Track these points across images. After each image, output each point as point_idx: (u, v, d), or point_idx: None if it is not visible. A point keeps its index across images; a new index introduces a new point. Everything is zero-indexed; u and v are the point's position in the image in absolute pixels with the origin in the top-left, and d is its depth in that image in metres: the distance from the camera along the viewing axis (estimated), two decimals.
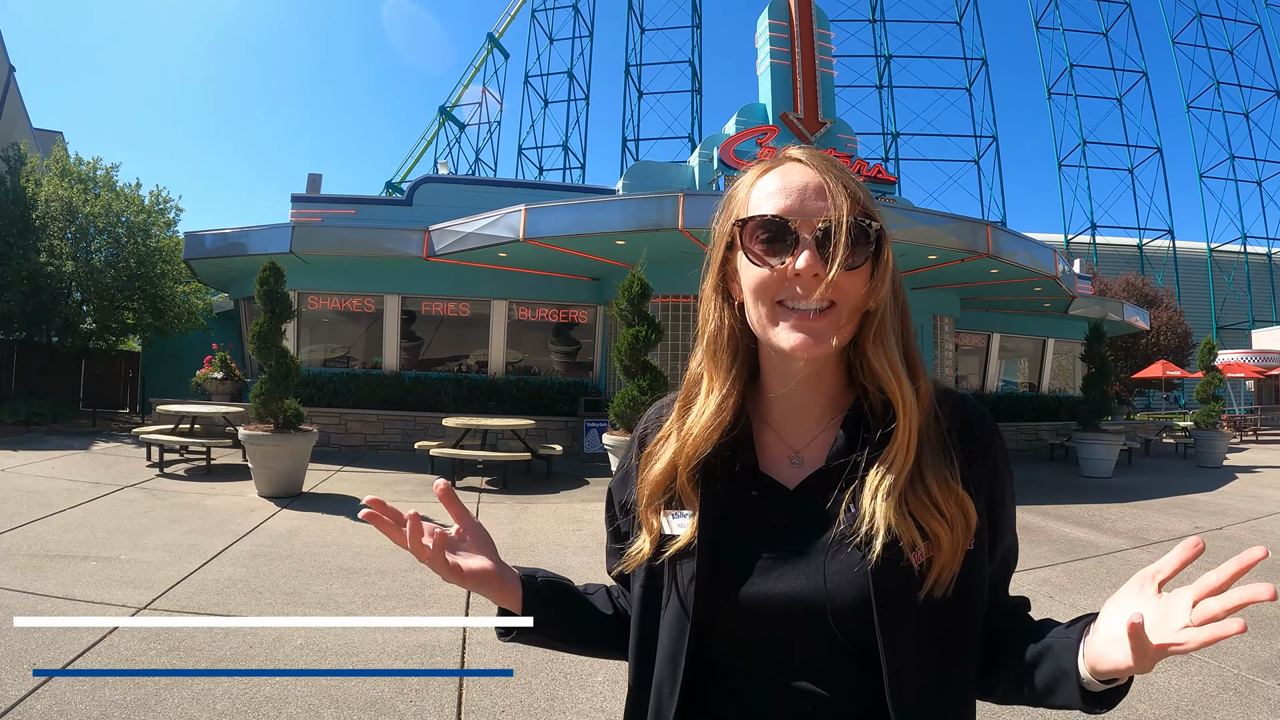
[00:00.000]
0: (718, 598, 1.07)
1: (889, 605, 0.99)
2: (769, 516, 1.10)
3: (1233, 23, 54.38)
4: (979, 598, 1.08)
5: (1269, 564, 7.90)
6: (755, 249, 1.05)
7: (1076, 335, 21.66)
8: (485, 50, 58.64)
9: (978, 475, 1.08)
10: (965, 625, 1.05)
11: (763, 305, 1.06)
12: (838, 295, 1.02)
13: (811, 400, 1.14)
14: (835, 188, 1.05)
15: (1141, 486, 14.08)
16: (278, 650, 4.70)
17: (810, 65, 22.64)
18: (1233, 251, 52.28)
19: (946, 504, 1.02)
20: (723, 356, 1.15)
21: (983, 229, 14.06)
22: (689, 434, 1.13)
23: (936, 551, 1.00)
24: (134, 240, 19.37)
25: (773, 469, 1.14)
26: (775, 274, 1.04)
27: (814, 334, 1.02)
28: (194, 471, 11.71)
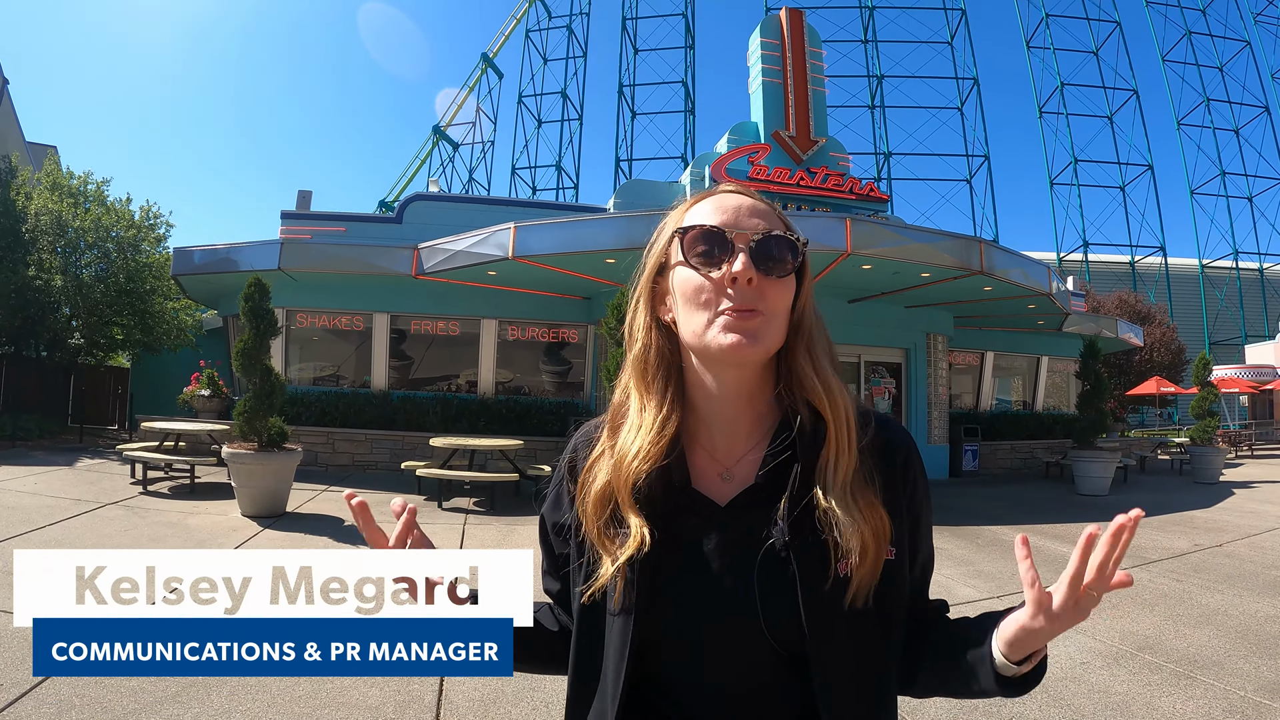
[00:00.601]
0: (657, 612, 1.11)
1: (817, 613, 1.06)
2: (703, 533, 1.14)
3: (1222, 40, 54.81)
4: (899, 604, 1.16)
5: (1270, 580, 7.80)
6: (694, 257, 1.12)
7: (1071, 353, 21.60)
8: (479, 70, 58.84)
9: (898, 490, 1.17)
10: (887, 629, 1.13)
11: (700, 311, 1.11)
12: (764, 305, 1.09)
13: (740, 418, 1.18)
14: (766, 209, 1.16)
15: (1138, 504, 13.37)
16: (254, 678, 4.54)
17: (802, 83, 22.64)
18: (1225, 267, 52.42)
19: (870, 514, 1.08)
20: (650, 375, 1.20)
21: (976, 246, 13.97)
22: (624, 455, 1.16)
23: (860, 559, 1.07)
24: (124, 256, 19.34)
25: (704, 486, 1.18)
26: (713, 281, 1.10)
27: (748, 333, 1.08)
28: (178, 490, 11.54)
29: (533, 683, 4.55)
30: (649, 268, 1.22)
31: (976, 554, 9.13)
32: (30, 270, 17.86)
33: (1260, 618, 6.60)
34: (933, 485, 10.69)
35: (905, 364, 18.81)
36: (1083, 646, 5.66)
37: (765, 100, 22.30)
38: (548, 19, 61.93)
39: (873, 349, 18.46)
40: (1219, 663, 5.40)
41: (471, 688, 4.54)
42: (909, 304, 17.72)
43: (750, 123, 22.62)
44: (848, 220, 12.78)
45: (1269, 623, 6.45)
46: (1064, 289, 18.66)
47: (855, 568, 1.07)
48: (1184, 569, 8.52)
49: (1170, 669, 5.25)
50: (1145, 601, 7.06)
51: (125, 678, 4.40)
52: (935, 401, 18.81)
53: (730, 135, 22.24)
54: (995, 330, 21.72)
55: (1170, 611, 6.74)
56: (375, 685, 4.58)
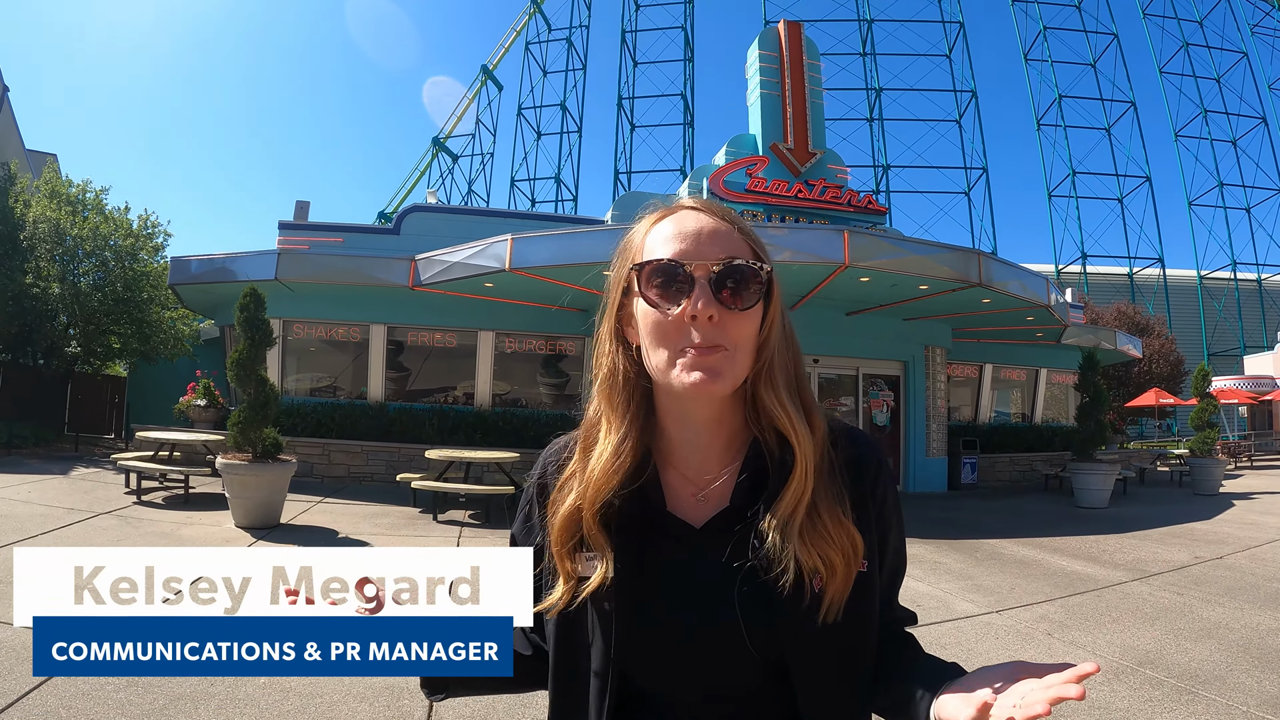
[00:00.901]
0: (637, 634, 1.12)
1: (795, 627, 1.08)
2: (678, 554, 1.15)
3: (1219, 51, 55.13)
4: (872, 615, 1.17)
5: (1272, 593, 7.74)
6: (651, 294, 1.09)
7: (1069, 365, 21.57)
8: (479, 82, 59.04)
9: (867, 506, 1.17)
10: (861, 640, 1.15)
11: (661, 349, 1.09)
12: (727, 340, 1.07)
13: (712, 441, 1.18)
14: (728, 232, 1.12)
15: (1138, 516, 13.91)
16: (239, 688, 4.52)
17: (800, 95, 22.66)
18: (1223, 278, 52.59)
19: (838, 535, 1.09)
20: (618, 399, 1.18)
21: (974, 258, 13.94)
22: (591, 476, 1.15)
23: (831, 577, 1.08)
24: (121, 264, 19.27)
25: (679, 508, 1.18)
26: (672, 318, 1.08)
27: (710, 370, 1.06)
28: (172, 500, 11.48)
29: (524, 700, 4.50)
30: (614, 289, 1.21)
31: (975, 568, 9.07)
32: (28, 278, 17.85)
33: (1262, 631, 6.54)
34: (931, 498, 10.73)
35: (904, 376, 18.77)
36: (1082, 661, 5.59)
37: (763, 112, 22.31)
38: (548, 31, 62.27)
39: (871, 361, 18.43)
40: (1221, 677, 5.33)
41: (461, 703, 4.48)
42: (907, 316, 17.68)
43: (748, 135, 22.64)
44: (845, 233, 12.77)
45: (1271, 636, 6.39)
46: (1062, 301, 18.64)
47: (827, 584, 1.08)
48: (1184, 582, 8.46)
49: (1172, 684, 5.18)
50: (1146, 615, 7.00)
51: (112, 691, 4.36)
52: (934, 414, 18.77)
53: (728, 147, 22.24)
54: (994, 343, 21.68)
55: (1171, 625, 6.67)
56: (365, 700, 4.53)
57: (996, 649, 5.92)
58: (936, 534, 11.40)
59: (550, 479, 1.25)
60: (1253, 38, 55.18)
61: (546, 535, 1.20)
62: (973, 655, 5.64)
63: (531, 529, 1.26)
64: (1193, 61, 54.64)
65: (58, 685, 4.31)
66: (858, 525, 1.12)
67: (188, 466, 12.12)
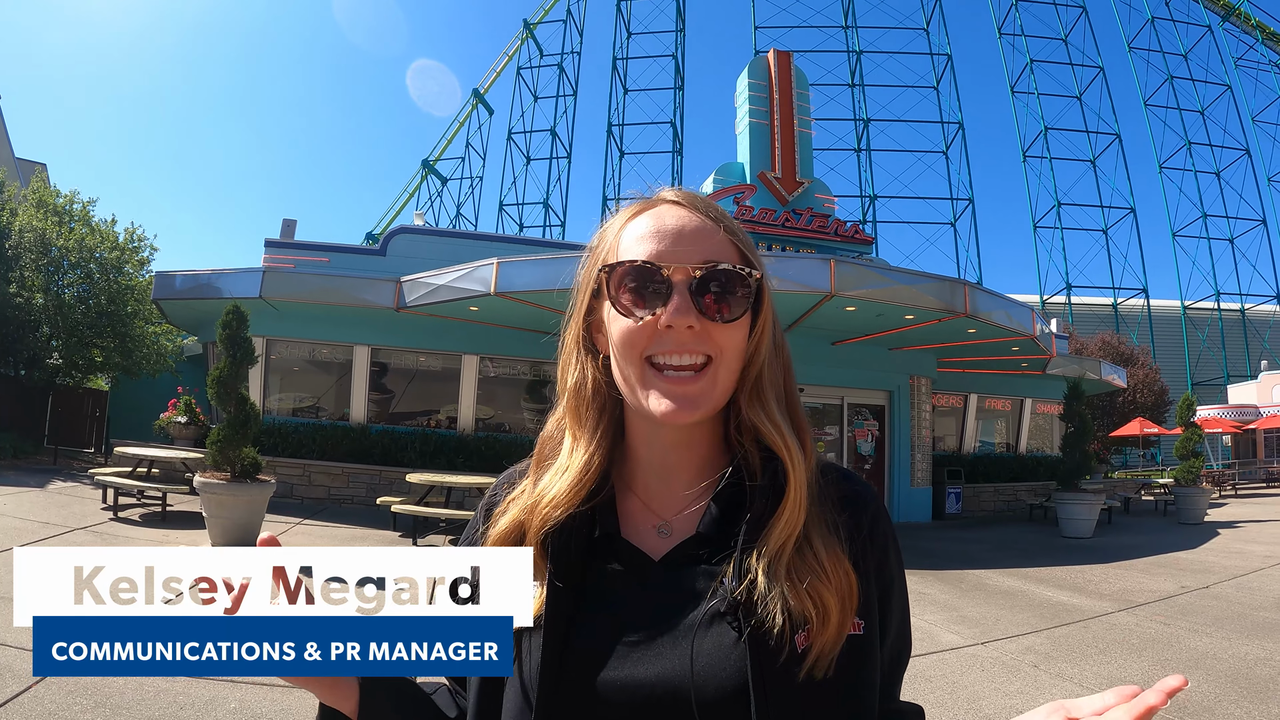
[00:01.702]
0: (568, 683, 0.90)
1: (768, 688, 0.85)
2: (630, 591, 0.96)
3: (1203, 84, 55.92)
4: (870, 689, 0.94)
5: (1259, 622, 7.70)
6: (623, 298, 0.96)
7: (1054, 395, 21.65)
8: (470, 106, 59.28)
9: (864, 549, 0.97)
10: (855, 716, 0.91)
11: (631, 364, 0.96)
12: (714, 350, 0.94)
13: (682, 464, 1.01)
14: (712, 230, 0.98)
15: (1124, 546, 13.90)
16: (209, 713, 4.50)
17: (789, 125, 22.79)
18: (1207, 308, 53.09)
19: (834, 570, 0.90)
20: (586, 413, 1.02)
21: (960, 288, 13.99)
22: (543, 495, 0.98)
23: (823, 627, 0.87)
24: (106, 277, 19.10)
25: (636, 538, 1.00)
26: (644, 326, 0.94)
27: (687, 400, 0.93)
28: (149, 517, 11.37)
29: None
30: (583, 291, 1.06)
31: (960, 599, 9.01)
32: (11, 287, 17.70)
33: (1250, 660, 6.51)
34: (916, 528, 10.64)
35: (889, 406, 18.79)
36: (1070, 694, 5.54)
37: (752, 141, 22.42)
38: (539, 57, 62.56)
39: (856, 390, 18.44)
40: (1209, 708, 5.31)
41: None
42: (893, 346, 17.72)
43: (736, 163, 22.73)
44: (832, 262, 12.79)
45: (1259, 665, 6.36)
46: (1047, 331, 18.70)
47: (816, 635, 0.87)
48: (1171, 612, 8.43)
49: (1160, 716, 5.12)
50: (1133, 646, 6.96)
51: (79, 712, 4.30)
52: (918, 444, 18.78)
53: (716, 175, 22.32)
54: (979, 372, 21.76)
55: (1158, 656, 6.64)
56: None
57: (983, 681, 5.86)
58: (921, 564, 11.35)
59: (498, 498, 1.07)
60: (1236, 70, 55.98)
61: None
62: (958, 688, 5.58)
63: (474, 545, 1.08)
64: (1177, 94, 55.42)
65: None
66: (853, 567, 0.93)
67: (166, 484, 12.04)
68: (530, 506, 0.99)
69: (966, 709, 5.28)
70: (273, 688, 4.96)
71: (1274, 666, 6.33)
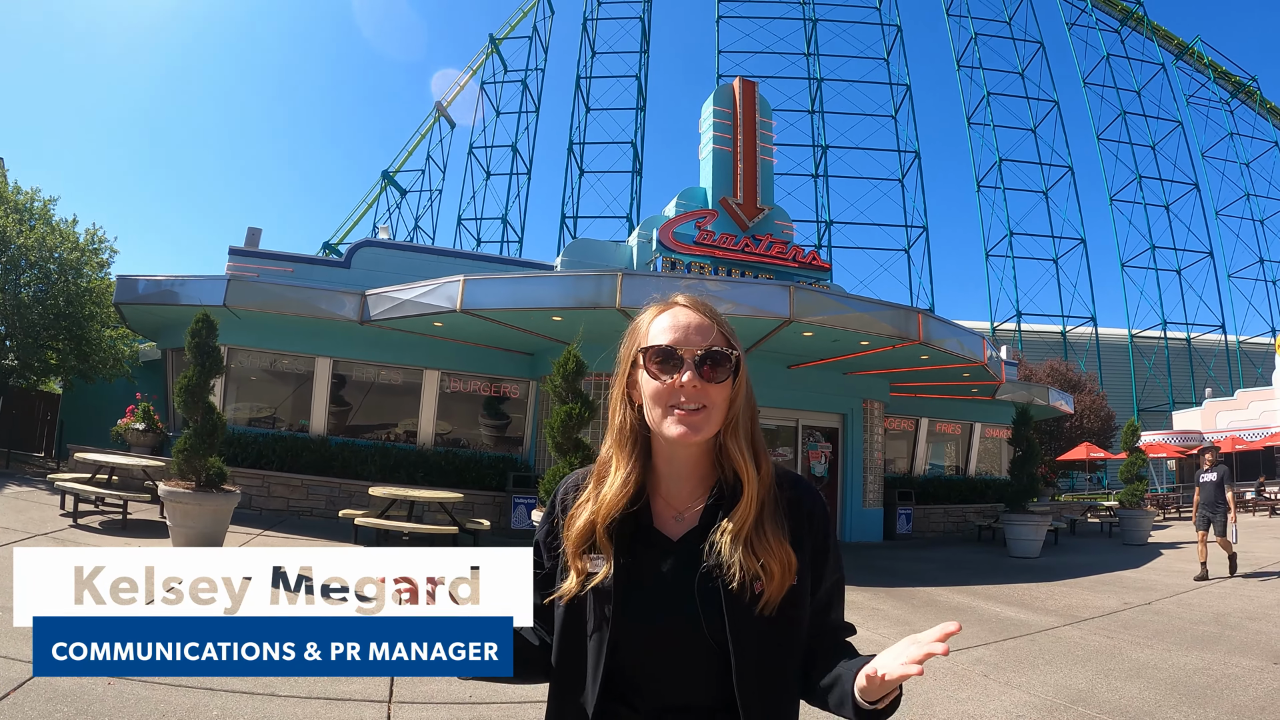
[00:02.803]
0: (626, 619, 1.46)
1: (735, 618, 1.42)
2: (660, 561, 1.51)
3: (1155, 120, 57.53)
4: (800, 621, 1.51)
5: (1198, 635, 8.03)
6: (653, 368, 1.50)
7: (1003, 419, 22.09)
8: (432, 118, 59.14)
9: (803, 533, 1.53)
10: (789, 637, 1.49)
11: (658, 408, 1.49)
12: (708, 400, 1.47)
13: (689, 477, 1.56)
14: (709, 326, 1.53)
15: (1070, 565, 14.28)
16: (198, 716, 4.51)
17: (751, 152, 23.05)
18: (1153, 337, 54.40)
19: (777, 549, 1.45)
20: (626, 445, 1.57)
21: (914, 316, 14.33)
22: (603, 501, 1.52)
23: (769, 582, 1.43)
24: (65, 278, 18.62)
25: (663, 526, 1.55)
26: (666, 386, 1.48)
27: (691, 425, 1.46)
28: (109, 525, 11.26)
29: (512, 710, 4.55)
30: (624, 362, 1.58)
31: (912, 614, 9.27)
32: None
33: (1189, 670, 6.82)
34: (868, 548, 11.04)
35: (842, 429, 19.09)
36: (1019, 701, 5.81)
37: (715, 167, 22.64)
38: (503, 72, 62.55)
39: (810, 413, 18.74)
40: (1150, 713, 5.58)
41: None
42: (847, 370, 18.04)
43: (699, 188, 22.96)
44: (791, 288, 13.05)
45: (1197, 674, 6.67)
46: (998, 358, 19.14)
47: (765, 585, 1.42)
48: (1114, 626, 8.75)
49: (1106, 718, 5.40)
50: (1078, 657, 7.24)
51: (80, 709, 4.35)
52: (870, 466, 19.10)
53: (679, 200, 22.52)
54: (930, 397, 22.13)
55: (1102, 666, 6.93)
56: None
57: (935, 689, 6.10)
58: (874, 582, 11.60)
59: (569, 498, 1.62)
60: (1188, 108, 57.80)
61: (563, 540, 1.55)
62: (911, 696, 5.80)
63: (553, 531, 1.62)
64: (1129, 129, 56.98)
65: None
66: (793, 548, 1.47)
67: (125, 491, 11.91)
68: (596, 509, 1.52)
69: (920, 714, 5.53)
70: (254, 695, 5.01)
71: (1211, 675, 6.63)
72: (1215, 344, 55.12)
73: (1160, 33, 58.91)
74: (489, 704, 5.25)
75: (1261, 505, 30.58)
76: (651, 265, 21.03)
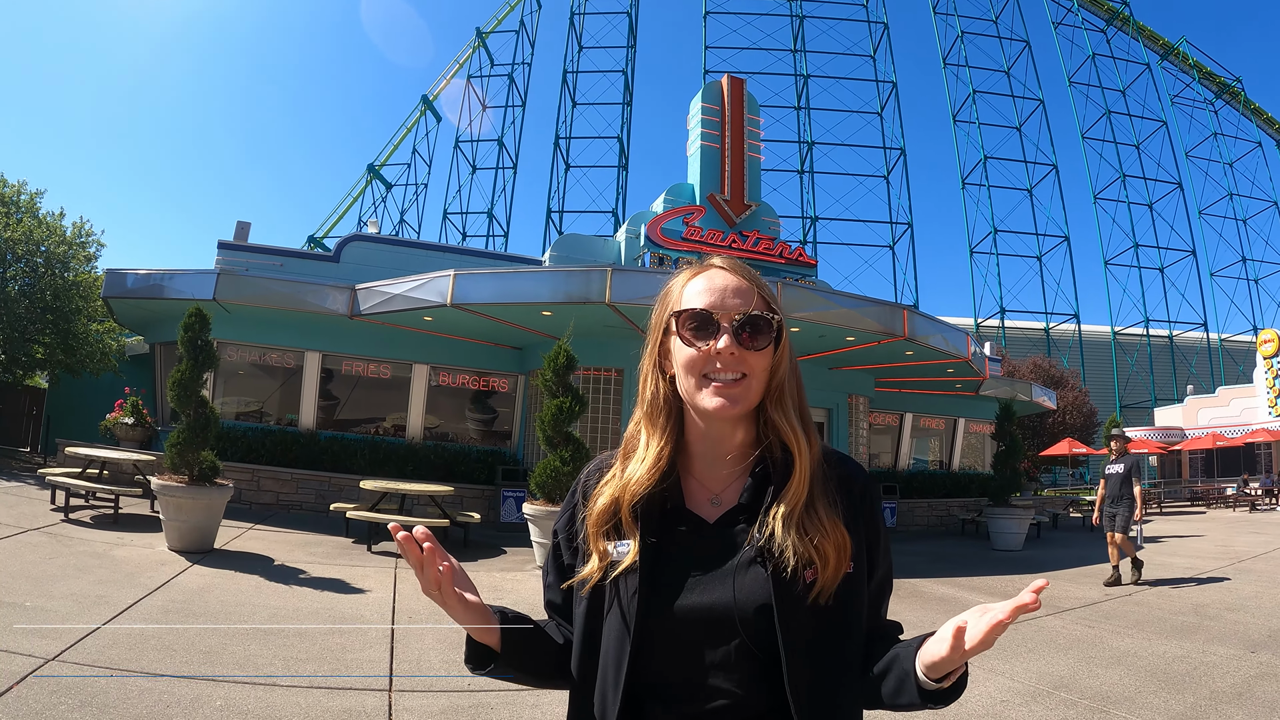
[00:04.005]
0: (653, 609, 1.31)
1: (785, 609, 1.26)
2: (693, 545, 1.36)
3: (1140, 119, 58.17)
4: (858, 612, 1.36)
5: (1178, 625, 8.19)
6: (686, 334, 1.37)
7: (987, 415, 22.26)
8: (419, 112, 59.00)
9: (857, 515, 1.37)
10: (846, 632, 1.33)
11: (691, 377, 1.36)
12: (747, 369, 1.35)
13: (726, 453, 1.41)
14: (748, 289, 1.39)
15: (1052, 558, 14.51)
16: (196, 711, 4.54)
17: (739, 149, 23.19)
18: (1136, 334, 55.06)
19: (832, 530, 1.30)
20: (658, 417, 1.44)
21: (899, 312, 14.50)
22: (630, 478, 1.40)
23: (823, 566, 1.27)
24: (51, 272, 18.53)
25: (696, 508, 1.41)
26: (701, 353, 1.35)
27: (730, 397, 1.33)
28: (101, 519, 11.21)
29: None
30: (656, 329, 1.46)
31: (898, 604, 9.27)
32: None
33: (1169, 658, 6.99)
34: None
35: (827, 423, 19.20)
36: (1002, 687, 5.94)
37: (703, 163, 22.76)
38: (490, 66, 62.28)
39: None
40: (1130, 698, 5.72)
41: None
42: (833, 365, 18.16)
43: (687, 184, 23.08)
44: (779, 284, 13.23)
45: (1177, 662, 6.83)
46: (981, 354, 19.31)
47: (820, 572, 1.27)
48: (1096, 616, 8.92)
49: (1085, 704, 5.55)
50: (1060, 646, 7.39)
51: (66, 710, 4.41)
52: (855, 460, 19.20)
53: (667, 195, 22.63)
54: (914, 392, 22.36)
55: (1083, 654, 7.08)
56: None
57: None
58: None
59: (591, 481, 1.50)
60: (1173, 107, 58.41)
61: (585, 525, 1.43)
62: None
63: (573, 525, 1.48)
64: (1114, 128, 57.60)
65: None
66: (847, 529, 1.32)
67: (115, 486, 11.87)
68: (621, 487, 1.40)
69: None
70: (255, 685, 5.06)
71: (1190, 663, 6.79)
72: (1197, 341, 55.75)
73: (1146, 33, 59.36)
74: (488, 691, 5.33)
75: (1242, 501, 30.98)
76: (639, 260, 21.16)
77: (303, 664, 5.63)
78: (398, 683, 5.41)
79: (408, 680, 5.49)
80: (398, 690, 5.27)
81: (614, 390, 16.37)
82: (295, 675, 5.35)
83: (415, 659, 6.01)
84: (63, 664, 5.07)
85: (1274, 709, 5.48)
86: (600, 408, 16.14)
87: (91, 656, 5.28)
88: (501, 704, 5.14)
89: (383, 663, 5.81)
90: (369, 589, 8.54)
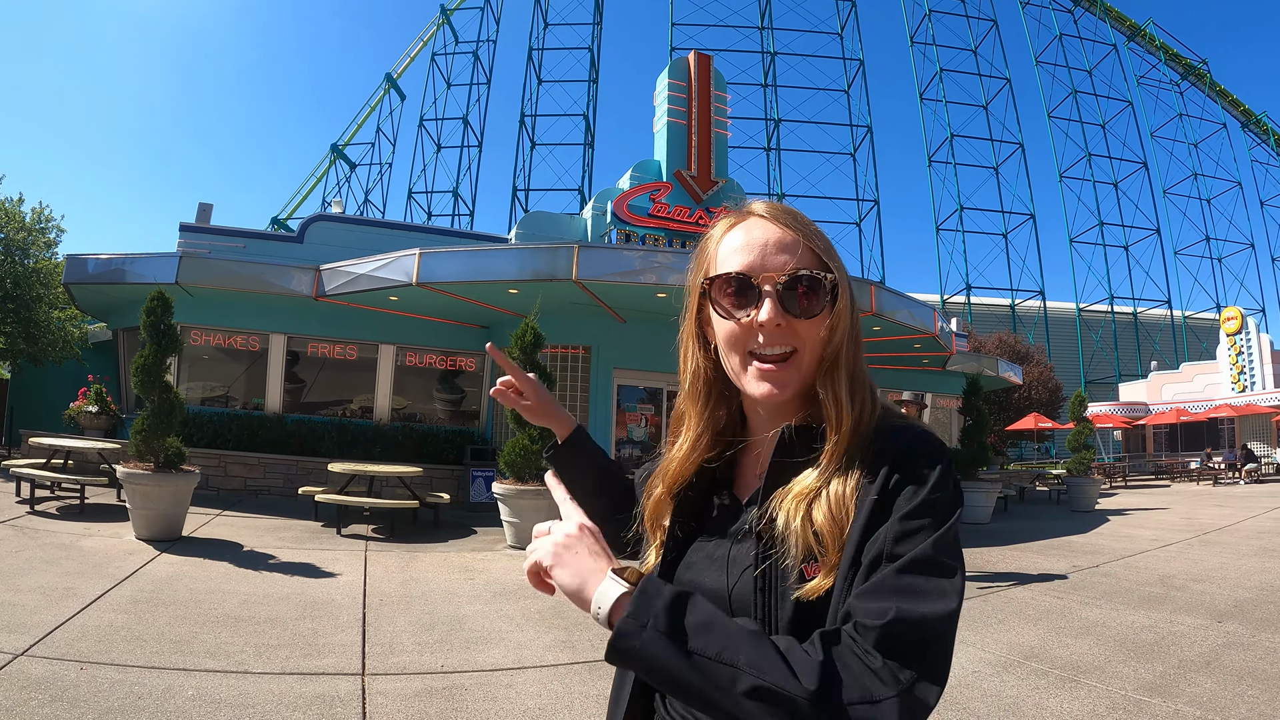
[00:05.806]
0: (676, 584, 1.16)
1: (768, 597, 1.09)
2: (724, 524, 1.22)
3: (1105, 99, 58.73)
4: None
5: (1145, 596, 8.29)
6: (723, 304, 1.17)
7: (954, 390, 22.47)
8: (382, 90, 58.40)
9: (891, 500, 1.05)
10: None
11: (734, 354, 1.18)
12: (798, 342, 1.15)
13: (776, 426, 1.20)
14: (794, 242, 1.17)
15: (1020, 530, 14.62)
16: (168, 701, 4.46)
17: (706, 125, 23.09)
18: (1100, 311, 55.79)
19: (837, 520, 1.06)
20: (698, 398, 1.28)
21: (867, 288, 14.51)
22: (669, 465, 1.28)
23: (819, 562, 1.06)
24: (11, 259, 18.28)
25: (743, 484, 1.27)
26: (742, 326, 1.15)
27: (777, 382, 1.14)
28: (67, 510, 11.04)
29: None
30: (693, 292, 1.27)
31: None
32: None
33: (1136, 628, 7.07)
34: None
35: None
36: (973, 657, 5.99)
37: (669, 140, 22.67)
38: (454, 44, 61.69)
39: None
40: (1100, 667, 5.79)
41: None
42: None
43: (653, 161, 22.97)
44: None
45: (1144, 632, 6.91)
46: (948, 330, 19.41)
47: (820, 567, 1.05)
48: (1064, 588, 9.01)
49: (1056, 674, 5.60)
50: (1029, 617, 7.46)
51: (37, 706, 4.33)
52: None
53: (633, 172, 22.53)
54: (882, 368, 22.40)
55: (1053, 625, 7.15)
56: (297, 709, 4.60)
57: None
58: None
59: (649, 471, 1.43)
60: (1138, 88, 58.92)
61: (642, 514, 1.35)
62: None
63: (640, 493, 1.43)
64: (1080, 108, 58.09)
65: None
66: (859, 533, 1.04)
67: (81, 475, 11.71)
68: (661, 473, 1.30)
69: None
70: (227, 673, 5.00)
71: (1157, 633, 6.87)
72: (1161, 318, 56.55)
73: (1113, 14, 59.76)
74: (462, 673, 5.30)
75: (1206, 475, 31.46)
76: (606, 237, 21.07)
77: (275, 650, 5.56)
78: (370, 665, 5.36)
79: (380, 662, 5.44)
80: (370, 674, 5.21)
81: (582, 367, 16.33)
82: (267, 662, 5.28)
83: (388, 641, 5.95)
84: (32, 659, 4.95)
85: (1242, 677, 5.55)
86: (568, 385, 16.11)
87: (61, 650, 5.16)
88: (475, 685, 5.11)
89: (355, 646, 5.74)
90: (339, 573, 8.46)
